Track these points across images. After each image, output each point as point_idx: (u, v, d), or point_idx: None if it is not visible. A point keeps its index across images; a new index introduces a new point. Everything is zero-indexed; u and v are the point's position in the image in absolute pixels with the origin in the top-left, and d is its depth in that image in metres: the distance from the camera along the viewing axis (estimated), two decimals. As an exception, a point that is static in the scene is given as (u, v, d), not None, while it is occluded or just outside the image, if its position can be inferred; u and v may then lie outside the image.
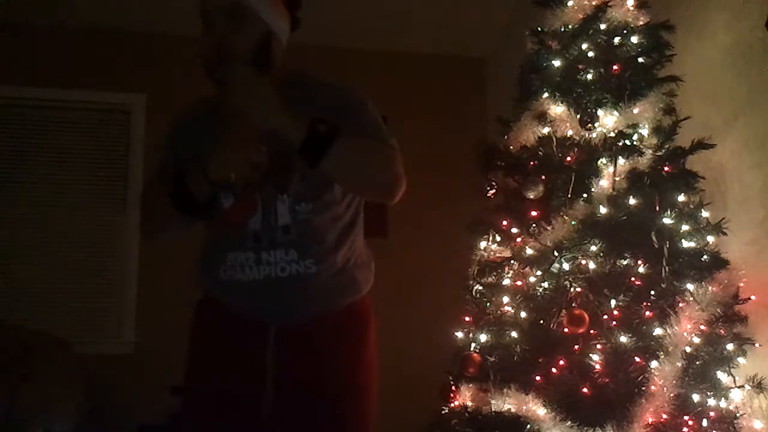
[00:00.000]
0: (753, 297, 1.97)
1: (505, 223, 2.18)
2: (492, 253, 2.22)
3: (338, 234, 1.57)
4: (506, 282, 2.13)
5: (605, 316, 1.89)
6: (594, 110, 2.05)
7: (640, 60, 2.10)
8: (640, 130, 2.05)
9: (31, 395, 3.09)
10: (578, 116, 2.06)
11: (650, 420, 1.73)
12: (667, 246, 1.91)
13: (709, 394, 1.81)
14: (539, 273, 2.01)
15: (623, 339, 1.84)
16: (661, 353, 1.79)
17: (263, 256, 1.51)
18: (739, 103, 2.26)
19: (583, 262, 1.95)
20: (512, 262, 2.13)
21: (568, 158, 2.08)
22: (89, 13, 4.01)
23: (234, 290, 1.56)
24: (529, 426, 1.81)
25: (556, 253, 1.95)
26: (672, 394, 1.75)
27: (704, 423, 1.78)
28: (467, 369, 2.07)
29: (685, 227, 1.96)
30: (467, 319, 2.20)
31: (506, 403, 1.88)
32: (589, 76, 2.11)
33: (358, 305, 1.63)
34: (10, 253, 4.01)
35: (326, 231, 1.54)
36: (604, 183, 2.01)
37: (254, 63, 1.47)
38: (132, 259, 4.05)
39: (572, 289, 1.92)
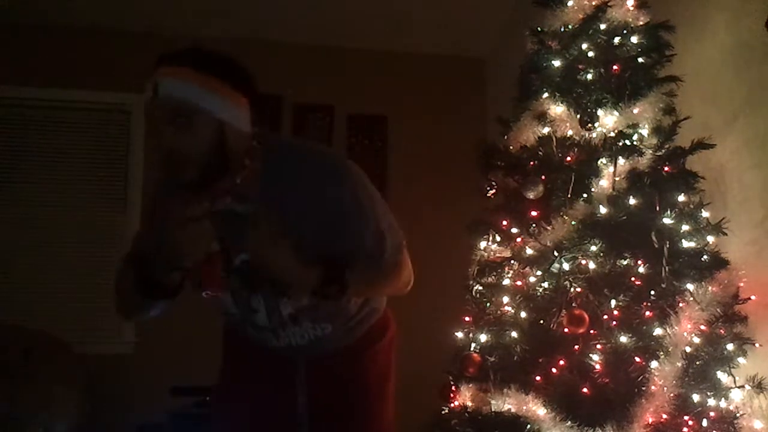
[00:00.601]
0: (753, 297, 1.97)
1: (505, 223, 2.18)
2: (492, 253, 2.22)
3: None
4: (506, 282, 2.12)
5: (605, 316, 1.88)
6: (594, 110, 2.05)
7: (640, 60, 2.10)
8: (640, 130, 2.04)
9: (31, 395, 3.09)
10: (578, 116, 2.06)
11: (650, 420, 1.73)
12: (667, 246, 1.91)
13: (709, 394, 1.81)
14: (539, 273, 2.01)
15: (623, 339, 1.83)
16: (661, 353, 1.79)
17: (280, 332, 1.58)
18: (739, 103, 2.26)
19: (583, 262, 1.94)
20: (512, 262, 2.12)
21: (568, 158, 2.08)
22: (89, 13, 4.01)
23: (260, 344, 1.64)
24: (529, 426, 1.80)
25: (556, 253, 1.95)
26: (672, 394, 1.75)
27: (704, 423, 1.77)
28: (467, 369, 2.07)
29: (685, 227, 1.95)
30: (467, 319, 2.20)
31: (506, 403, 1.88)
32: (589, 76, 2.11)
33: (377, 322, 1.70)
34: (10, 253, 4.01)
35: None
36: (604, 183, 2.01)
37: (211, 161, 1.34)
38: (132, 259, 4.05)
39: (572, 289, 1.92)
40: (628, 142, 2.02)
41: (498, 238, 2.22)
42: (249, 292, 1.51)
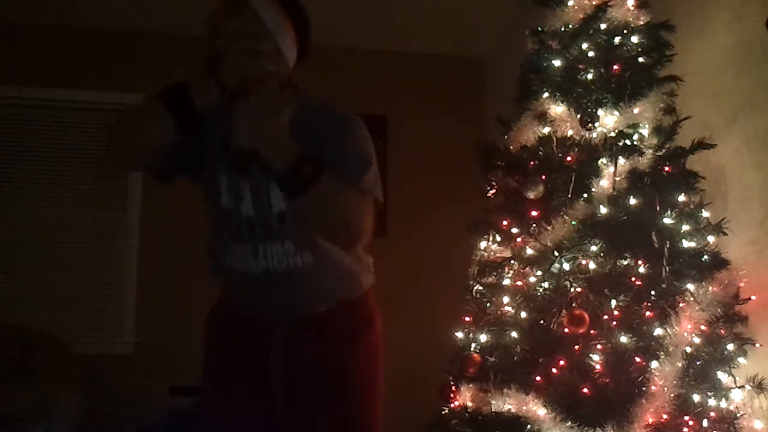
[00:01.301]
0: (753, 297, 1.97)
1: (505, 223, 2.18)
2: (492, 253, 2.22)
3: None
4: (506, 282, 2.12)
5: (605, 316, 1.88)
6: (594, 110, 2.05)
7: (641, 60, 2.10)
8: (640, 130, 2.05)
9: (31, 395, 3.09)
10: (578, 116, 2.06)
11: (650, 420, 1.73)
12: (668, 246, 1.91)
13: (709, 394, 1.81)
14: (539, 273, 2.01)
15: (623, 339, 1.83)
16: (662, 353, 1.79)
17: (260, 249, 1.53)
18: (740, 103, 2.26)
19: (584, 262, 1.94)
20: (512, 262, 2.12)
21: (569, 158, 2.08)
22: (89, 13, 4.01)
23: (238, 280, 1.58)
24: (529, 426, 1.80)
25: (556, 253, 1.95)
26: (672, 395, 1.75)
27: (704, 423, 1.77)
28: (467, 369, 2.07)
29: (685, 227, 1.96)
30: (467, 319, 2.20)
31: (506, 403, 1.88)
32: (590, 76, 2.11)
33: (361, 302, 1.65)
34: (11, 253, 4.01)
35: None
36: (605, 183, 2.01)
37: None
38: (132, 259, 4.06)
39: (572, 290, 1.92)
40: (628, 142, 2.02)
41: (498, 238, 2.22)
42: (239, 175, 1.52)
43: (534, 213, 2.07)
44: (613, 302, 1.89)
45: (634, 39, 2.12)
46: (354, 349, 1.62)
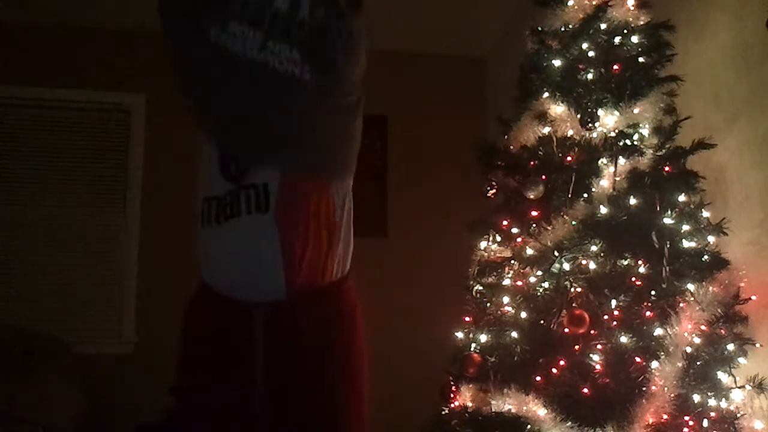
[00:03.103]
0: (754, 297, 1.97)
1: (505, 223, 2.18)
2: (492, 253, 2.22)
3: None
4: (506, 282, 2.13)
5: (606, 317, 1.88)
6: (594, 110, 2.05)
7: (641, 60, 2.10)
8: (640, 130, 2.05)
9: (31, 395, 3.09)
10: (578, 116, 2.06)
11: (651, 420, 1.73)
12: (668, 246, 1.91)
13: (709, 394, 1.81)
14: (539, 273, 2.01)
15: (624, 339, 1.83)
16: (662, 353, 1.79)
17: (269, 44, 1.45)
18: (740, 103, 2.26)
19: (584, 262, 1.94)
20: (512, 262, 2.13)
21: (569, 158, 2.08)
22: (89, 13, 4.01)
23: (228, 77, 1.47)
24: (529, 426, 1.80)
25: (556, 253, 1.95)
26: (672, 395, 1.75)
27: (705, 423, 1.77)
28: (467, 369, 2.07)
29: (685, 227, 1.95)
30: (467, 319, 2.20)
31: (506, 403, 1.88)
32: (590, 76, 2.11)
33: (344, 293, 1.60)
34: (10, 253, 4.01)
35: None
36: (605, 183, 2.01)
37: None
38: (132, 259, 4.06)
39: (572, 290, 1.92)
40: (628, 142, 2.02)
41: (498, 238, 2.22)
42: None
43: (534, 213, 2.07)
44: (613, 302, 1.89)
45: (634, 39, 2.12)
46: (335, 340, 1.58)
